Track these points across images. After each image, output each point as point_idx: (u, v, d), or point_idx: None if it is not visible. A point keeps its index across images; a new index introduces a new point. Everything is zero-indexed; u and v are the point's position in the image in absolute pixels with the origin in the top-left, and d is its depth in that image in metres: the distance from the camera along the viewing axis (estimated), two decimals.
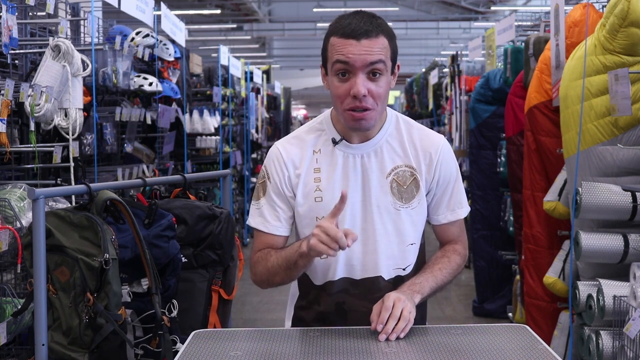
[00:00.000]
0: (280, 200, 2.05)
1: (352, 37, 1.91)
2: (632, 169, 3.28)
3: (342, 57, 1.91)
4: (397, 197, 2.02)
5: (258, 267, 2.04)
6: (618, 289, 2.99)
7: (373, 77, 1.92)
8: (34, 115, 3.25)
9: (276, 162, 2.06)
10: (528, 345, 1.84)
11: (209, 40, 21.49)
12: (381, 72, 1.93)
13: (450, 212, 2.09)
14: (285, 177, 2.04)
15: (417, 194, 2.04)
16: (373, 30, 1.92)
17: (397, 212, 2.02)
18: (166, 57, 5.76)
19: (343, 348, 1.81)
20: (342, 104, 1.95)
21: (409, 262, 2.06)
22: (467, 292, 6.60)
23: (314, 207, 2.02)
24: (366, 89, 1.91)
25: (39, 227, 2.22)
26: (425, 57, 25.33)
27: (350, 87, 1.92)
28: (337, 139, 2.04)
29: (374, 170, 2.03)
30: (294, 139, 2.10)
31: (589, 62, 3.31)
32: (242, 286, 6.74)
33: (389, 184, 2.02)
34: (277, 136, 14.32)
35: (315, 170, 2.04)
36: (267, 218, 2.05)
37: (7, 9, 3.07)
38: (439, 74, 10.37)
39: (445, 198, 2.08)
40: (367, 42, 1.90)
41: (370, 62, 1.90)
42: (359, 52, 1.90)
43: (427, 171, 2.05)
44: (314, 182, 2.03)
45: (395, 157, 2.04)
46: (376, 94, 1.93)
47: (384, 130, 2.05)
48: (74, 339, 2.24)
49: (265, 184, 2.07)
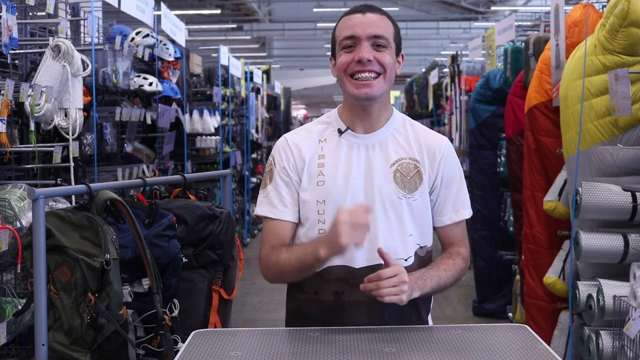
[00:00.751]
0: (285, 185, 2.07)
1: (357, 12, 2.02)
2: (632, 169, 3.28)
3: (348, 31, 2.00)
4: (400, 186, 2.04)
5: (269, 263, 2.03)
6: (618, 289, 2.99)
7: (378, 48, 2.00)
8: (34, 115, 3.25)
9: (282, 150, 2.10)
10: (528, 345, 1.84)
11: (209, 40, 21.49)
12: (385, 47, 2.00)
13: (455, 213, 2.10)
14: (291, 163, 2.07)
15: (420, 186, 2.05)
16: (378, 10, 2.04)
17: (400, 200, 2.03)
18: (166, 57, 5.76)
19: (343, 348, 1.81)
20: (346, 71, 2.01)
21: (409, 253, 2.05)
22: (467, 292, 6.61)
23: (316, 190, 2.04)
24: (371, 55, 1.98)
25: (39, 227, 2.22)
26: (425, 57, 25.34)
27: (355, 55, 1.99)
28: (343, 129, 2.08)
29: (378, 160, 2.05)
30: (301, 130, 2.15)
31: (589, 62, 3.31)
32: (242, 286, 6.75)
33: (392, 173, 2.04)
34: (277, 136, 14.30)
35: (319, 157, 2.07)
36: (275, 204, 2.07)
37: (7, 9, 3.07)
38: (439, 74, 10.37)
39: (449, 199, 2.09)
40: (372, 15, 2.01)
41: (374, 35, 1.99)
42: (363, 23, 1.99)
43: (431, 167, 2.07)
44: (317, 167, 2.06)
45: (399, 150, 2.07)
46: (382, 61, 2.00)
47: (390, 124, 2.09)
48: (75, 339, 2.24)
49: (272, 170, 2.10)
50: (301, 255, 1.95)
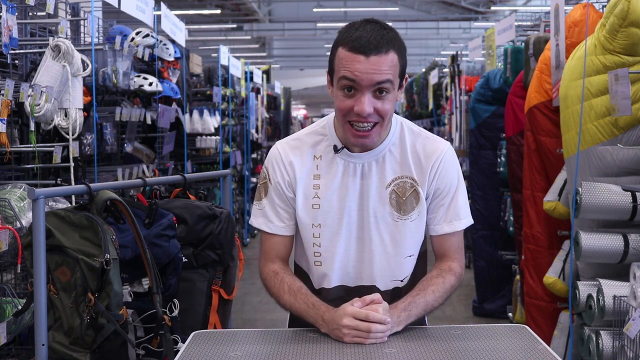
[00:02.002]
0: (281, 201, 2.05)
1: (360, 52, 1.84)
2: (632, 169, 3.28)
3: (349, 74, 1.86)
4: (396, 208, 2.01)
5: (271, 289, 2.05)
6: (618, 289, 2.99)
7: (379, 95, 1.88)
8: (34, 115, 3.25)
9: (276, 165, 2.05)
10: (528, 346, 1.84)
11: (209, 40, 21.48)
12: (388, 91, 1.88)
13: (447, 224, 2.04)
14: (286, 181, 2.04)
15: (417, 205, 2.02)
16: (383, 46, 1.85)
17: (395, 223, 2.01)
18: (166, 57, 5.76)
19: (343, 349, 1.81)
20: (344, 116, 1.92)
21: (405, 273, 2.05)
22: (467, 292, 6.60)
23: (311, 213, 2.02)
24: (372, 107, 1.87)
25: (39, 227, 2.22)
26: (425, 57, 25.32)
27: (354, 103, 1.88)
28: (339, 146, 2.01)
29: (374, 180, 2.01)
30: (294, 141, 2.08)
31: (589, 62, 3.31)
32: (242, 286, 6.74)
33: (388, 195, 2.01)
34: (277, 136, 14.32)
35: (315, 177, 2.03)
36: (271, 219, 2.06)
37: (7, 9, 3.07)
38: (439, 74, 10.37)
39: (442, 208, 2.04)
40: (376, 59, 1.84)
41: (377, 82, 1.86)
42: (367, 70, 1.84)
43: (428, 177, 2.02)
44: (312, 189, 2.02)
45: (396, 167, 2.02)
46: (382, 111, 1.90)
47: (387, 140, 2.02)
48: (75, 339, 2.24)
49: (267, 185, 2.07)
50: (302, 313, 1.96)
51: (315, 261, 2.05)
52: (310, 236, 2.03)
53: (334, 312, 1.87)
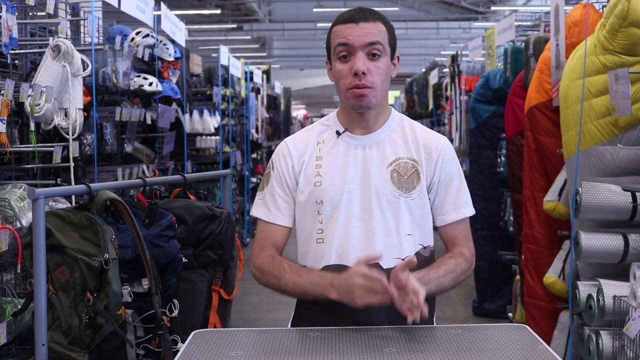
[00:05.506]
0: (282, 191, 2.10)
1: (351, 21, 2.03)
2: (632, 169, 3.28)
3: (343, 39, 2.02)
4: (397, 185, 2.05)
5: (264, 267, 2.05)
6: (618, 289, 2.99)
7: (372, 58, 2.02)
8: (34, 115, 3.25)
9: (281, 154, 2.13)
10: (528, 345, 1.84)
11: (209, 40, 21.48)
12: (380, 54, 2.03)
13: (456, 211, 2.10)
14: (289, 167, 2.10)
15: (418, 185, 2.06)
16: (371, 16, 2.04)
17: (397, 200, 2.04)
18: (166, 57, 5.76)
19: (343, 348, 1.81)
20: (344, 84, 2.04)
21: (407, 253, 2.05)
22: (467, 292, 6.61)
23: (313, 191, 2.06)
24: (366, 67, 2.00)
25: (39, 227, 2.22)
26: (425, 57, 25.33)
27: (351, 66, 2.01)
28: (341, 130, 2.11)
29: (375, 160, 2.07)
30: (301, 133, 2.19)
31: (589, 62, 3.31)
32: (242, 286, 6.74)
33: (390, 173, 2.05)
34: (277, 136, 14.31)
35: (317, 158, 2.10)
36: (269, 207, 2.11)
37: (7, 9, 3.07)
38: (439, 74, 10.37)
39: (448, 197, 2.09)
40: (365, 24, 2.02)
41: (368, 43, 2.01)
42: (358, 33, 2.01)
43: (428, 166, 2.08)
44: (315, 169, 2.08)
45: (397, 149, 2.08)
46: (376, 72, 2.02)
47: (387, 125, 2.11)
48: (74, 339, 2.24)
49: (270, 174, 2.13)
50: (307, 286, 1.97)
51: (317, 238, 2.06)
52: (314, 214, 2.06)
53: (344, 275, 1.89)
